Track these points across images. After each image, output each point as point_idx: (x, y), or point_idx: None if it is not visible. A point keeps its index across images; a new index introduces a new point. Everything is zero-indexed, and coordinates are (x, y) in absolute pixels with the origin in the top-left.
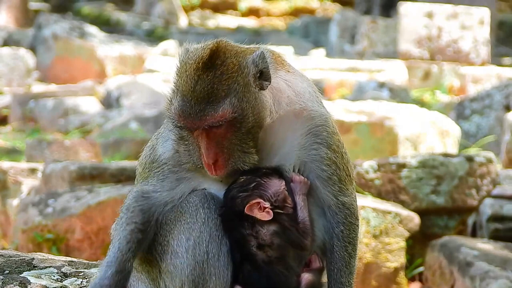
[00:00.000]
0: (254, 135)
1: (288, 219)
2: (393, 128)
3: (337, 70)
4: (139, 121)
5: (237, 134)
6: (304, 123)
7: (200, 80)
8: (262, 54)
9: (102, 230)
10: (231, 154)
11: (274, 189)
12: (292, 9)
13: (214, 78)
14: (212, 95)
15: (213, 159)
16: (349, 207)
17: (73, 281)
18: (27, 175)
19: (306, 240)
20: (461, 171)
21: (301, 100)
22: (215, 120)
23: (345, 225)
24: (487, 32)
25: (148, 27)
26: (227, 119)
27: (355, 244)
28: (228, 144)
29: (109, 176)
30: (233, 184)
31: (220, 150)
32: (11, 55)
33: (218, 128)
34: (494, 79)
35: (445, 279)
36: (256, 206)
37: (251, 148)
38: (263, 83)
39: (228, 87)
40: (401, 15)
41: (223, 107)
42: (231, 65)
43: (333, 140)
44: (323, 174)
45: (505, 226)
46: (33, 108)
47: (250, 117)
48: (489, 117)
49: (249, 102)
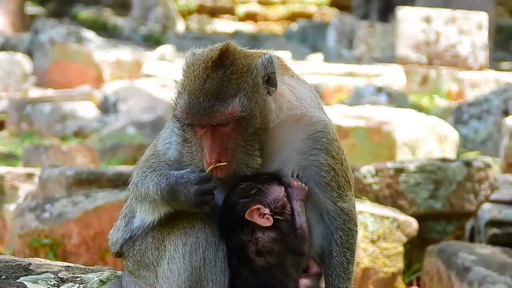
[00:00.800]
0: (260, 137)
1: (286, 225)
2: (391, 133)
3: (334, 75)
4: (136, 126)
5: (243, 134)
6: (305, 128)
7: (209, 79)
8: (271, 59)
9: (99, 235)
10: (235, 155)
11: (274, 196)
12: (289, 13)
13: (223, 76)
14: (221, 93)
15: (216, 159)
16: (347, 213)
17: (70, 286)
18: (24, 180)
19: (304, 246)
20: (459, 176)
21: (302, 106)
22: (224, 117)
23: (343, 230)
24: (485, 36)
25: (145, 32)
26: (236, 117)
27: (354, 250)
28: (233, 145)
29: (106, 181)
30: (233, 190)
31: (224, 151)
32: (8, 60)
33: (224, 127)
34: (492, 84)
35: (443, 284)
36: (256, 212)
37: (255, 151)
38: (269, 88)
39: (238, 86)
40: (399, 19)
41: (233, 104)
42: (240, 65)
43: (333, 147)
44: (322, 180)
45: (503, 231)
46: (30, 113)
47: (258, 118)
48: (487, 122)
49: (258, 103)
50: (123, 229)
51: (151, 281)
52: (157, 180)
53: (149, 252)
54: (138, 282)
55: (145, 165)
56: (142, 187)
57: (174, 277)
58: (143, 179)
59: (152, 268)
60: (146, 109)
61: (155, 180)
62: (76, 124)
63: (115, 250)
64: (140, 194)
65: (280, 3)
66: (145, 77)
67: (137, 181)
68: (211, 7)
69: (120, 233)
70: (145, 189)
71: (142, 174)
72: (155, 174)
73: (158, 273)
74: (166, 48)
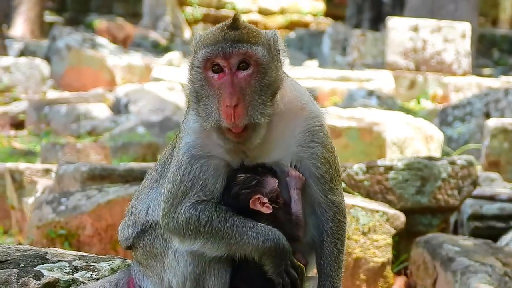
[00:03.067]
0: (273, 91)
1: (282, 214)
2: (381, 133)
3: (329, 79)
4: (146, 126)
5: (261, 83)
6: (303, 121)
7: (227, 34)
8: (278, 35)
9: (111, 227)
10: (251, 102)
11: (270, 187)
12: (287, 22)
13: (241, 33)
14: (243, 39)
15: (235, 102)
16: (337, 205)
17: (84, 274)
18: (42, 176)
19: (298, 232)
20: (444, 173)
21: (302, 99)
22: (248, 55)
23: (334, 222)
24: (468, 45)
25: (154, 39)
26: (257, 61)
27: (343, 240)
28: (250, 92)
29: (118, 177)
30: (234, 182)
31: (242, 96)
32: (28, 64)
33: (245, 71)
34: (475, 88)
35: (429, 273)
36: (257, 201)
37: (268, 102)
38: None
39: (256, 39)
40: (388, 28)
41: (256, 48)
42: (253, 29)
43: (328, 141)
44: (317, 172)
45: (484, 224)
46: (48, 114)
47: (274, 72)
48: (470, 124)
49: (273, 60)
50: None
51: (159, 270)
52: (261, 230)
53: (157, 243)
54: (146, 272)
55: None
56: (226, 224)
57: (180, 268)
58: (222, 216)
59: (160, 258)
60: (155, 110)
61: (260, 230)
62: (90, 124)
63: (127, 244)
64: (216, 230)
65: (279, 12)
66: (154, 81)
67: (210, 217)
68: (215, 16)
69: (131, 229)
70: (233, 230)
71: (215, 209)
72: (245, 222)
73: (165, 262)
74: (173, 54)
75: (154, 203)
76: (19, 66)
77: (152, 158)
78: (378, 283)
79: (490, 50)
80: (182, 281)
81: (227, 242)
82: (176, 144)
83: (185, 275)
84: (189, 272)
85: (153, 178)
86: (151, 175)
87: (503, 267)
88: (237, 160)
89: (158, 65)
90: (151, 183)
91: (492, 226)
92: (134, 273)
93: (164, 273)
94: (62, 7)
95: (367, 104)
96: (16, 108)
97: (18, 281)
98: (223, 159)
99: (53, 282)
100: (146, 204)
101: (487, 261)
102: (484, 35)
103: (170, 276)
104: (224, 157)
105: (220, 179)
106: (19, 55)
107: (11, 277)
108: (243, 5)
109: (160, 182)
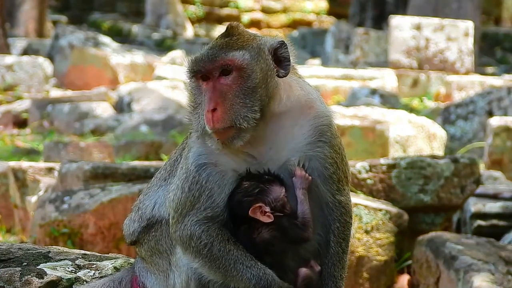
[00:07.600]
0: (261, 95)
1: (287, 220)
2: (384, 131)
3: (332, 78)
4: (148, 125)
5: (242, 87)
6: (311, 120)
7: (218, 41)
8: (283, 43)
9: (114, 225)
10: (232, 105)
11: (275, 195)
12: (290, 21)
13: (230, 40)
14: (227, 46)
15: (213, 106)
16: (344, 205)
17: (86, 273)
18: (45, 174)
19: (306, 232)
20: (447, 172)
21: (310, 98)
22: (224, 62)
23: (340, 222)
24: (471, 43)
25: (157, 37)
26: (236, 66)
27: (348, 241)
28: (232, 96)
29: (121, 175)
30: (238, 189)
31: (222, 100)
32: (31, 63)
33: (226, 77)
34: (478, 87)
35: (432, 272)
36: (258, 210)
37: (254, 106)
38: (279, 70)
39: (242, 45)
40: (391, 27)
41: (234, 54)
42: (247, 35)
43: (336, 142)
44: (325, 172)
45: (487, 222)
46: (51, 112)
47: (259, 75)
48: (473, 122)
49: (259, 64)
50: (138, 220)
51: (164, 268)
52: (256, 272)
53: (163, 240)
54: (150, 268)
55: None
56: (224, 256)
57: (185, 268)
58: (223, 246)
59: (166, 255)
60: (158, 109)
61: (255, 272)
62: (93, 122)
63: (132, 239)
64: (220, 265)
65: (282, 11)
66: (157, 79)
67: (220, 249)
68: (218, 15)
69: (136, 224)
70: (236, 270)
71: (217, 233)
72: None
73: (172, 261)
74: (176, 53)
75: (162, 199)
76: (22, 65)
77: (155, 157)
78: (381, 281)
79: (493, 49)
80: (186, 280)
81: (223, 273)
82: (186, 146)
83: (189, 275)
84: (193, 272)
85: (162, 177)
86: (160, 173)
87: (506, 266)
88: (245, 166)
89: (161, 63)
90: (160, 181)
91: (495, 225)
92: (137, 270)
93: (170, 271)
94: (65, 5)
95: (370, 102)
96: (19, 107)
97: (21, 280)
98: (230, 166)
99: (56, 281)
100: (154, 200)
101: (490, 260)
102: (487, 33)
103: (176, 274)
104: (231, 164)
105: (226, 188)
106: (22, 54)
107: (14, 275)
108: (246, 4)
109: (168, 180)
